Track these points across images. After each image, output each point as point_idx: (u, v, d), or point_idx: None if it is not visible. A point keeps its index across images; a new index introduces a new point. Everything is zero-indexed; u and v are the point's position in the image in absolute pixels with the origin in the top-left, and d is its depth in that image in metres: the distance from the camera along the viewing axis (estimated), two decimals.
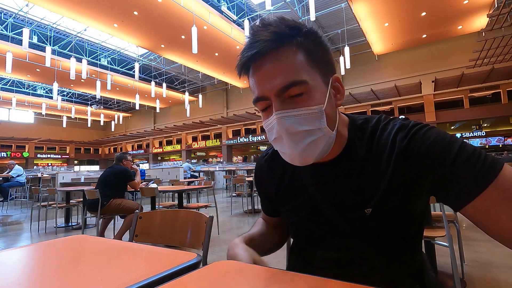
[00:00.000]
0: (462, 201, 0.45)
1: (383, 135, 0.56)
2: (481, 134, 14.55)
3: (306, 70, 0.51)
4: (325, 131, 0.52)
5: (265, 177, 0.73)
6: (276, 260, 2.48)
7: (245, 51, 0.53)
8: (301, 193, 0.64)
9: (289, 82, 0.50)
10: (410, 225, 0.58)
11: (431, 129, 0.52)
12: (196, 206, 3.63)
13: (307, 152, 0.52)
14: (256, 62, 0.53)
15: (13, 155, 23.81)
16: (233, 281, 0.45)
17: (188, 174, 9.71)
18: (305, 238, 0.68)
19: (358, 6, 10.08)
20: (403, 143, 0.52)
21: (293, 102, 0.51)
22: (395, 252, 0.59)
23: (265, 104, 0.54)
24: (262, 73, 0.52)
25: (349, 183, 0.58)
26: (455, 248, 1.81)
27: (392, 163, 0.53)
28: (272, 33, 0.51)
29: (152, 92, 16.03)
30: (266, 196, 0.76)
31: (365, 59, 15.63)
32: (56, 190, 4.02)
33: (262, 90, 0.52)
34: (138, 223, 1.04)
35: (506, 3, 7.48)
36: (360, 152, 0.57)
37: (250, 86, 0.57)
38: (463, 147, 0.46)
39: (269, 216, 0.79)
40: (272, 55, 0.51)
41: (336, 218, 0.59)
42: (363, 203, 0.56)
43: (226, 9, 12.58)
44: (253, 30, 0.53)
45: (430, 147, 0.49)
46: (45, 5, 9.98)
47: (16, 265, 0.58)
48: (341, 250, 0.61)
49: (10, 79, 19.24)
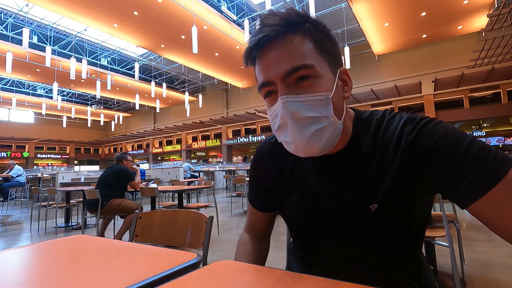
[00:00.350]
0: (470, 198, 0.44)
1: (389, 128, 0.55)
2: (481, 134, 14.53)
3: (313, 57, 0.51)
4: (331, 119, 0.50)
5: (266, 164, 0.69)
6: (276, 260, 2.47)
7: (253, 36, 0.52)
8: (303, 187, 0.62)
9: (295, 66, 0.49)
10: (412, 225, 0.57)
11: (439, 123, 0.50)
12: (196, 206, 3.63)
13: (312, 141, 0.50)
14: (263, 48, 0.52)
15: (13, 155, 23.80)
16: (233, 281, 0.45)
17: (188, 174, 9.71)
18: (304, 235, 0.66)
19: (358, 6, 10.08)
20: (410, 136, 0.51)
21: (299, 87, 0.50)
22: (396, 252, 0.58)
23: (270, 90, 0.53)
24: (269, 58, 0.51)
25: (353, 178, 0.56)
26: (455, 248, 1.81)
27: (399, 156, 0.51)
28: (281, 18, 0.51)
29: (152, 92, 16.03)
30: (263, 187, 0.71)
31: (365, 59, 15.62)
32: (56, 190, 4.01)
33: (268, 74, 0.52)
34: (138, 223, 1.04)
35: (506, 3, 7.48)
36: (365, 146, 0.55)
37: (256, 75, 0.56)
38: (473, 143, 0.45)
39: (261, 212, 0.75)
40: (279, 40, 0.50)
41: (339, 214, 0.57)
42: (368, 199, 0.54)
43: (226, 9, 12.58)
44: (261, 18, 0.53)
45: (439, 141, 0.47)
46: (45, 5, 9.97)
47: (16, 265, 0.58)
48: (341, 248, 0.60)
49: (10, 79, 19.24)
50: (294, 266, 0.73)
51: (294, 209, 0.64)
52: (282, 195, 0.66)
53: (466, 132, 0.48)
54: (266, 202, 0.73)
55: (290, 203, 0.65)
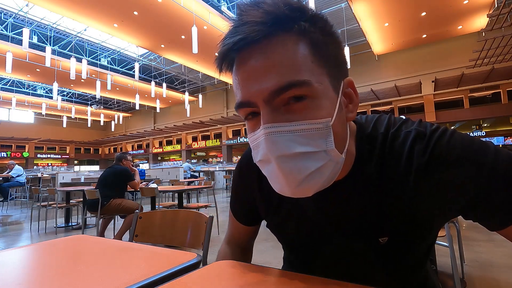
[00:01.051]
0: (503, 222, 0.38)
1: (394, 145, 0.45)
2: (481, 134, 14.54)
3: (309, 68, 0.38)
4: (332, 154, 0.38)
5: (252, 173, 0.58)
6: (276, 260, 2.47)
7: (228, 37, 0.39)
8: (297, 213, 0.53)
9: (285, 83, 0.36)
10: (426, 247, 0.52)
11: (454, 133, 0.41)
12: (196, 206, 3.62)
13: (306, 185, 0.39)
14: (241, 53, 0.39)
15: (13, 155, 23.81)
16: (233, 281, 0.45)
17: (188, 174, 9.70)
18: (300, 260, 0.59)
19: (358, 6, 10.08)
20: (424, 158, 0.41)
21: (290, 111, 0.38)
22: (407, 273, 0.53)
23: (252, 111, 0.41)
24: (248, 69, 0.38)
25: (358, 208, 0.47)
26: (455, 248, 1.81)
27: (412, 182, 0.42)
28: (266, 13, 0.37)
29: (152, 92, 16.04)
30: (247, 198, 0.61)
31: (365, 59, 15.62)
32: (56, 190, 4.01)
33: (247, 93, 0.39)
34: (138, 223, 1.04)
35: (506, 3, 7.48)
36: (371, 169, 0.45)
37: (233, 87, 0.42)
38: (499, 155, 0.38)
39: (246, 226, 0.66)
40: (263, 45, 0.37)
41: (343, 243, 0.50)
42: (377, 231, 0.46)
43: (226, 9, 12.58)
44: (240, 9, 0.39)
45: (461, 157, 0.39)
46: (45, 5, 9.98)
47: (16, 265, 0.58)
48: (345, 277, 0.54)
49: (10, 79, 19.24)
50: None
51: (287, 232, 0.57)
52: (271, 217, 0.57)
53: (485, 141, 0.41)
54: (249, 215, 0.64)
55: (282, 226, 0.57)
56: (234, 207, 0.66)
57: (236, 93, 0.42)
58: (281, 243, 0.62)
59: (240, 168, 0.62)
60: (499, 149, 0.39)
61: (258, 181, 0.57)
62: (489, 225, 0.40)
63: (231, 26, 0.39)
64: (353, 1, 9.80)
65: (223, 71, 0.43)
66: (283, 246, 0.64)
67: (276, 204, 0.55)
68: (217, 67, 0.42)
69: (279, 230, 0.58)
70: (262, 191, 0.57)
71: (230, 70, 0.42)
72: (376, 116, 0.51)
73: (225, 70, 0.43)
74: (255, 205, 0.60)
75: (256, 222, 0.65)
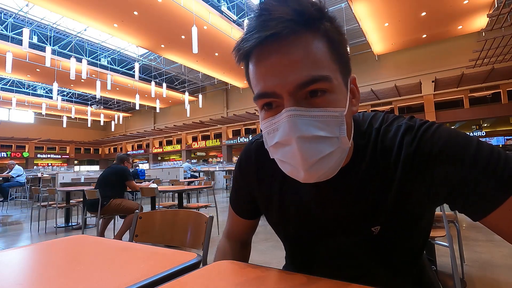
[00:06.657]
0: (484, 210, 0.39)
1: (386, 138, 0.48)
2: (481, 134, 14.54)
3: (328, 65, 0.41)
4: (342, 141, 0.42)
5: (252, 168, 0.61)
6: (276, 260, 2.47)
7: (256, 30, 0.40)
8: (296, 206, 0.55)
9: (309, 78, 0.40)
10: (419, 238, 0.54)
11: (440, 126, 0.45)
12: (196, 206, 3.62)
13: (316, 168, 0.41)
14: (266, 46, 0.41)
15: (13, 155, 23.80)
16: (233, 281, 0.45)
17: (188, 174, 9.70)
18: (300, 254, 0.61)
19: (358, 6, 10.08)
20: (411, 148, 0.44)
21: (311, 104, 0.41)
22: (402, 265, 0.55)
23: (270, 102, 0.43)
24: (274, 62, 0.40)
25: (353, 199, 0.50)
26: (455, 248, 1.81)
27: (399, 172, 0.46)
28: (295, 11, 0.39)
29: (152, 92, 16.04)
30: (247, 192, 0.63)
31: (365, 59, 15.62)
32: (56, 190, 4.01)
33: (271, 84, 0.41)
34: (138, 223, 1.04)
35: (506, 3, 7.48)
36: (365, 163, 0.49)
37: (249, 76, 0.45)
38: (480, 147, 0.40)
39: (247, 219, 0.67)
40: (290, 41, 0.40)
41: (340, 237, 0.53)
42: (369, 221, 0.49)
43: (226, 9, 12.58)
44: (265, 5, 0.41)
45: (445, 146, 0.42)
46: (45, 5, 9.98)
47: (16, 265, 0.58)
48: (342, 269, 0.56)
49: (10, 79, 19.24)
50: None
51: (286, 227, 0.59)
52: (271, 211, 0.59)
53: (470, 135, 0.43)
54: (249, 209, 0.66)
55: (281, 221, 0.59)
56: (234, 201, 0.68)
57: (254, 83, 0.44)
58: (280, 238, 0.64)
59: (240, 163, 0.65)
60: (482, 142, 0.41)
61: (257, 177, 0.60)
62: (472, 215, 0.41)
63: (255, 20, 0.41)
64: (353, 1, 9.80)
65: (241, 61, 0.45)
66: (283, 242, 0.65)
67: (276, 200, 0.57)
68: (235, 56, 0.44)
69: (278, 224, 0.60)
70: (262, 183, 0.59)
71: (245, 61, 0.45)
72: (372, 114, 0.54)
73: (241, 60, 0.45)
74: (254, 199, 0.63)
75: (255, 216, 0.68)
